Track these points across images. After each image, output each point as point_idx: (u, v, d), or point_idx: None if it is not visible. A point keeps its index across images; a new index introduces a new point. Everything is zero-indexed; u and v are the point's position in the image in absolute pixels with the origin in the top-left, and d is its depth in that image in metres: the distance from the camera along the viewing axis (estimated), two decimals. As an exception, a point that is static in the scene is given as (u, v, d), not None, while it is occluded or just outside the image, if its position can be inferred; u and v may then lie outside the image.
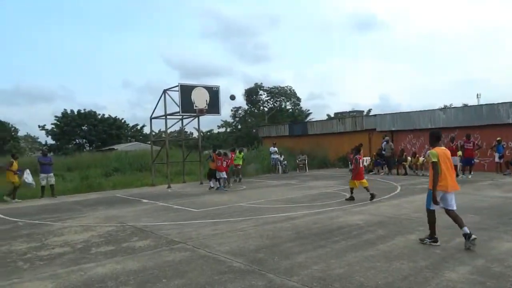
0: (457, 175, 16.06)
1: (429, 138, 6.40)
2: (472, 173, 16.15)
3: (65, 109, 49.42)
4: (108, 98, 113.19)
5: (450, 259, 5.24)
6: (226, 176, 15.33)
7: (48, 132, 49.15)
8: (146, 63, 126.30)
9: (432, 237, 6.01)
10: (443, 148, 6.09)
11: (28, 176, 14.35)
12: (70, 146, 46.33)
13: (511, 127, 18.03)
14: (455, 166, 16.49)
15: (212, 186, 15.22)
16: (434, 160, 5.80)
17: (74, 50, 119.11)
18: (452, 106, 32.66)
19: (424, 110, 21.84)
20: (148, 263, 5.54)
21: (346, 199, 10.74)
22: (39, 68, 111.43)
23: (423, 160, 18.24)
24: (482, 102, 35.94)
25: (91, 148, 47.11)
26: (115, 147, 40.98)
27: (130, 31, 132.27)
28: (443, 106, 37.27)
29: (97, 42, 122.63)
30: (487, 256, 5.28)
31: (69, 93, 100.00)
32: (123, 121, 53.39)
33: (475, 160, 16.90)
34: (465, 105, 24.91)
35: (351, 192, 10.88)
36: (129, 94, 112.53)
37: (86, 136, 48.58)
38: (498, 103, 18.79)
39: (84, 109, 49.58)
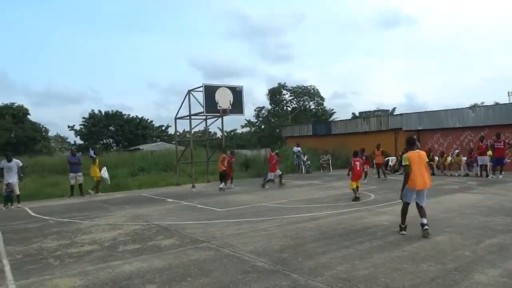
0: (487, 175, 15.68)
1: (405, 142, 7.19)
2: (503, 173, 15.61)
3: (92, 110, 50.87)
4: (134, 99, 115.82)
5: (480, 261, 5.08)
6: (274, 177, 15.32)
7: (76, 133, 50.72)
8: (171, 64, 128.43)
9: (401, 226, 6.87)
10: (418, 151, 6.82)
11: (104, 173, 15.87)
12: (97, 146, 47.54)
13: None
14: (485, 166, 16.04)
15: (221, 187, 15.00)
16: (405, 163, 6.63)
17: (102, 52, 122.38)
18: (482, 105, 31.63)
19: (452, 109, 21.28)
20: (173, 262, 5.63)
21: (353, 200, 10.77)
22: (69, 71, 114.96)
23: (451, 160, 17.78)
24: (514, 99, 34.65)
25: (118, 148, 48.23)
26: (141, 147, 41.80)
27: (155, 33, 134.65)
28: (472, 105, 36.15)
29: (123, 44, 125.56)
30: (520, 259, 5.09)
31: (96, 94, 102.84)
32: (149, 121, 54.42)
33: (506, 159, 16.31)
34: (496, 103, 24.06)
35: (355, 193, 11.02)
36: (154, 95, 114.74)
37: (113, 136, 49.84)
38: (531, 101, 18.09)
39: (112, 110, 50.86)
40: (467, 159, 16.97)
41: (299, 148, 22.84)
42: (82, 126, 50.45)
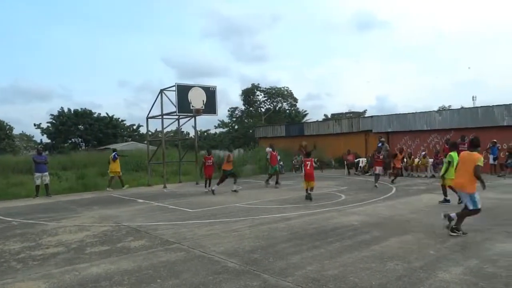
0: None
1: (469, 143, 7.64)
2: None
3: (62, 108, 49.36)
4: (105, 97, 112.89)
5: (444, 259, 5.26)
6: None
7: (43, 131, 49.01)
8: (143, 62, 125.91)
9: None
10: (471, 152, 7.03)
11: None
12: (66, 145, 46.15)
13: (505, 130, 18.17)
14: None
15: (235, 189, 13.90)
16: (479, 163, 6.63)
17: (72, 48, 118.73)
18: (448, 108, 32.82)
19: (420, 112, 21.95)
20: (143, 263, 5.53)
21: (305, 199, 11.19)
22: (36, 67, 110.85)
23: (419, 162, 18.36)
24: (478, 104, 36.18)
25: (87, 147, 46.99)
26: (111, 146, 40.89)
27: (128, 30, 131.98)
28: (439, 108, 37.45)
29: (94, 41, 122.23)
30: (481, 257, 5.31)
31: (65, 91, 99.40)
32: (119, 120, 53.29)
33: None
34: (462, 107, 25.02)
35: (306, 192, 11.38)
36: (126, 93, 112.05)
37: (82, 135, 48.48)
38: (493, 106, 18.93)
39: (81, 108, 49.49)
40: (434, 161, 17.54)
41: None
42: (49, 124, 48.79)
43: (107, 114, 51.45)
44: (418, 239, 6.45)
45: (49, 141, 48.59)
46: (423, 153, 18.98)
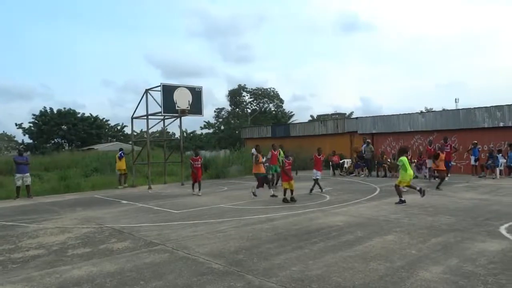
0: (434, 178, 16.55)
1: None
2: (449, 175, 16.52)
3: (44, 107, 48.53)
4: (88, 97, 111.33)
5: (425, 259, 5.35)
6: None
7: (25, 131, 48.12)
8: (128, 62, 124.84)
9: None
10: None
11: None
12: (48, 145, 45.37)
13: (486, 131, 18.58)
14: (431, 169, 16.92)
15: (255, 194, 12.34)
16: None
17: (54, 47, 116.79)
18: (432, 110, 33.37)
19: (404, 114, 22.26)
20: (126, 265, 5.47)
21: (283, 201, 11.03)
22: (16, 65, 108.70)
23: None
24: (460, 106, 36.91)
25: (70, 147, 46.27)
26: (95, 147, 40.42)
27: (112, 29, 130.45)
28: (423, 110, 38.05)
29: (77, 39, 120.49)
30: (460, 256, 5.42)
31: (48, 91, 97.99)
32: (104, 120, 52.65)
33: (452, 162, 17.30)
34: (444, 109, 25.49)
35: (289, 194, 11.17)
36: (110, 93, 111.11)
37: (65, 135, 47.72)
38: (474, 108, 19.33)
39: (64, 108, 48.74)
40: (417, 162, 17.81)
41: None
42: (31, 124, 47.90)
43: (90, 114, 50.83)
44: (401, 239, 6.54)
45: (31, 141, 47.70)
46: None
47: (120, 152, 17.87)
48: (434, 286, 4.34)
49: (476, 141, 17.56)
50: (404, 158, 10.30)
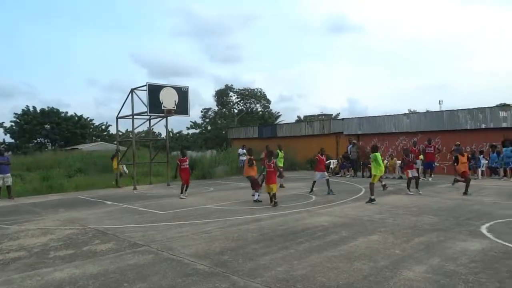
0: (418, 178, 16.79)
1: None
2: (432, 175, 16.79)
3: (27, 106, 47.64)
4: (73, 96, 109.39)
5: (408, 258, 5.42)
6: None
7: (6, 130, 47.12)
8: (113, 61, 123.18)
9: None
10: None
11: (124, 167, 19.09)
12: (30, 145, 44.54)
13: (468, 133, 18.93)
14: (417, 170, 17.19)
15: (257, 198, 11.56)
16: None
17: (37, 45, 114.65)
18: (415, 112, 33.84)
19: (389, 115, 22.53)
20: (110, 267, 5.40)
21: (272, 206, 10.36)
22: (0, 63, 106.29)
23: (387, 163, 18.81)
24: (444, 108, 37.55)
25: (53, 147, 45.51)
26: (80, 146, 39.85)
27: (97, 27, 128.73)
28: (407, 111, 38.56)
29: (61, 37, 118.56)
30: (443, 256, 5.50)
31: (30, 89, 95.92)
32: (88, 119, 51.94)
33: (435, 163, 17.58)
34: (428, 111, 25.90)
35: (269, 197, 10.68)
36: (95, 92, 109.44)
37: (48, 134, 46.91)
38: (457, 110, 19.68)
39: (48, 107, 47.92)
40: (401, 163, 18.03)
41: (244, 150, 22.95)
42: (13, 123, 46.93)
43: (75, 113, 50.09)
44: (385, 238, 6.61)
45: (12, 141, 46.73)
46: (388, 154, 19.55)
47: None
48: (417, 285, 4.40)
49: (459, 143, 17.87)
50: (377, 154, 11.04)
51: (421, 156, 16.81)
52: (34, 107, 47.66)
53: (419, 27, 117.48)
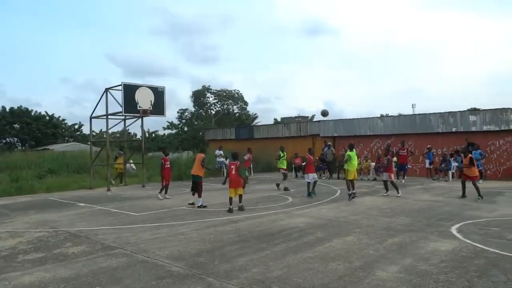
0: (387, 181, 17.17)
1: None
2: (405, 177, 17.19)
3: (-5, 105, 45.86)
4: (43, 94, 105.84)
5: (382, 259, 5.53)
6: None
7: (-27, 130, 45.22)
8: (86, 59, 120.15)
9: None
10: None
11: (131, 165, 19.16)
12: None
13: (440, 136, 19.48)
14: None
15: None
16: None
17: (7, 42, 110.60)
18: (389, 115, 34.60)
19: (364, 118, 22.92)
20: (82, 270, 5.26)
21: (227, 211, 9.79)
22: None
23: (361, 165, 19.15)
24: (417, 112, 38.53)
25: (23, 147, 44.02)
26: (51, 147, 38.68)
27: (69, 24, 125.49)
28: (381, 115, 39.36)
29: (31, 34, 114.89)
30: (415, 256, 5.64)
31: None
32: (60, 119, 50.54)
33: (408, 165, 18.02)
34: (400, 114, 26.53)
35: (230, 202, 9.98)
36: (67, 91, 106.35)
37: (18, 134, 45.35)
38: (429, 113, 20.23)
39: (18, 106, 46.32)
40: (375, 165, 18.38)
41: (221, 152, 22.88)
42: (-20, 123, 45.12)
43: (46, 112, 48.63)
44: (359, 239, 6.72)
45: (-21, 140, 44.92)
46: (363, 156, 19.91)
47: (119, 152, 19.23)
48: (390, 285, 4.49)
49: (430, 146, 18.39)
50: (351, 152, 11.89)
51: (394, 158, 17.19)
52: (3, 107, 46.02)
53: (392, 32, 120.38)
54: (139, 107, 16.39)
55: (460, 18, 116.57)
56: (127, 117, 17.66)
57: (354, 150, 12.34)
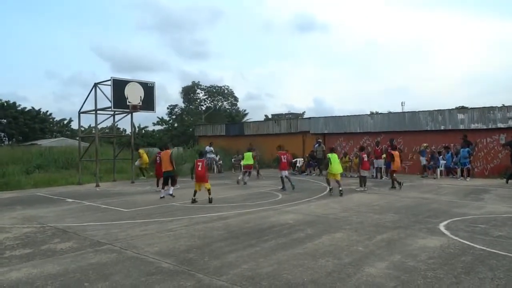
0: (381, 177, 17.33)
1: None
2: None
3: (-20, 99, 45.05)
4: (30, 89, 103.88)
5: (371, 255, 5.57)
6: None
7: (-42, 124, 44.43)
8: (74, 54, 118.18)
9: None
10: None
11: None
12: (-15, 140, 42.23)
13: (429, 134, 19.68)
14: (380, 169, 17.74)
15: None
16: None
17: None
18: (378, 113, 34.83)
19: (354, 115, 23.06)
20: (70, 266, 5.21)
21: (191, 202, 10.59)
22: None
23: (351, 163, 19.29)
24: (406, 109, 38.89)
25: (10, 142, 43.37)
26: (39, 142, 38.18)
27: (56, 16, 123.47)
28: (371, 112, 39.61)
29: (17, 27, 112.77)
30: (403, 252, 5.70)
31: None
32: (48, 114, 49.88)
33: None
34: (390, 112, 26.71)
35: (193, 195, 10.78)
36: (55, 85, 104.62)
37: (4, 129, 44.66)
38: (418, 111, 20.42)
39: (5, 101, 45.53)
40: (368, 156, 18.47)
41: (211, 148, 22.82)
42: (-35, 117, 44.34)
43: (33, 107, 47.94)
44: (349, 236, 6.76)
45: (-36, 135, 44.14)
46: (345, 153, 20.07)
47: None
48: (378, 281, 4.53)
49: (426, 144, 18.40)
50: (332, 155, 12.39)
51: (383, 156, 17.34)
52: (-11, 101, 45.26)
53: (382, 30, 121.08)
54: (129, 102, 16.24)
55: (448, 17, 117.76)
56: (116, 112, 17.49)
57: (335, 153, 12.68)
